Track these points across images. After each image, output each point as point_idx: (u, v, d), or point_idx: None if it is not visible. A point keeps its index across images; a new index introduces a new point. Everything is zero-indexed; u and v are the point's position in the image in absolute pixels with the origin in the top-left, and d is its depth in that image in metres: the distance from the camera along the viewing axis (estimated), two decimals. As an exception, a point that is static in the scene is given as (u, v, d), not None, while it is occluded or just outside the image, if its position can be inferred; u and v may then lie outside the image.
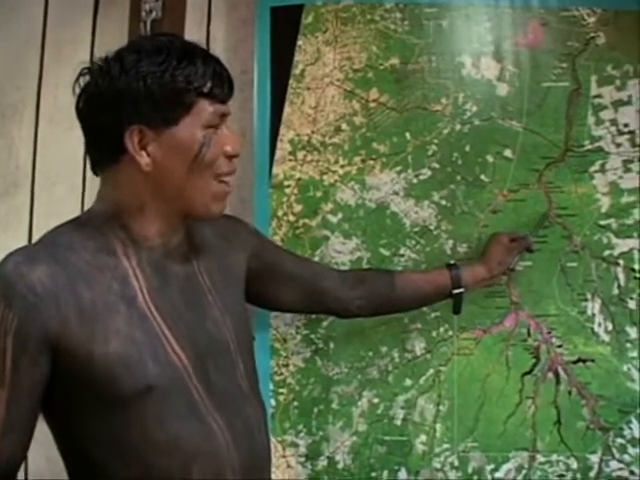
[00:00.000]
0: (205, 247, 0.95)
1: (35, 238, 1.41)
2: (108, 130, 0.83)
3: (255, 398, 0.94)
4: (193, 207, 0.86)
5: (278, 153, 1.28)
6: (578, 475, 1.23)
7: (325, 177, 1.27)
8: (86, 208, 0.91)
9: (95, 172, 0.89)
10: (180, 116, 0.82)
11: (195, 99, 0.82)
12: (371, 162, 1.27)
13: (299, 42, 1.30)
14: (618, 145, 1.26)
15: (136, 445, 0.80)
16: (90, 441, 0.81)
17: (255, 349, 1.25)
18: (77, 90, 0.85)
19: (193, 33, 1.37)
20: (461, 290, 1.17)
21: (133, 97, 0.81)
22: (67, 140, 1.39)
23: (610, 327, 1.25)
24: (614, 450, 1.23)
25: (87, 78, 0.85)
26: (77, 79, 0.85)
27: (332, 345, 1.28)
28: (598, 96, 1.26)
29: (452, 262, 1.21)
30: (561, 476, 1.24)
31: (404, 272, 1.23)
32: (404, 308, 1.21)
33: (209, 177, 0.85)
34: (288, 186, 1.27)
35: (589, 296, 1.25)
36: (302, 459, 1.29)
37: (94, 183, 0.92)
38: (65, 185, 1.44)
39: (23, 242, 1.43)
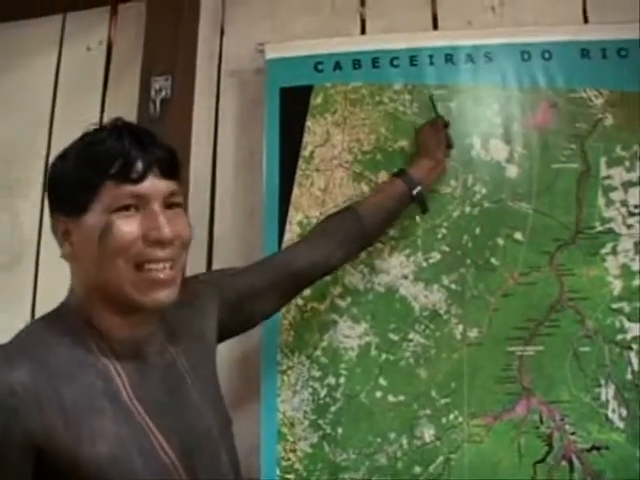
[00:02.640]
0: (178, 326, 0.93)
1: (38, 315, 1.43)
2: (51, 220, 0.85)
3: None
4: (120, 298, 0.81)
5: (287, 235, 1.30)
6: None
7: (333, 260, 1.28)
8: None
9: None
10: (89, 202, 0.80)
11: (101, 182, 0.79)
12: (380, 245, 1.28)
13: (308, 123, 1.32)
14: (629, 226, 1.28)
15: None
16: None
17: (262, 433, 1.27)
18: None
19: (202, 112, 1.40)
20: (419, 189, 1.20)
21: (55, 187, 0.83)
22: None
23: (625, 413, 1.24)
24: (628, 540, 1.22)
25: None
26: None
27: (340, 430, 1.27)
28: (608, 177, 1.28)
29: (395, 170, 1.24)
30: None
31: (361, 201, 1.23)
32: (379, 232, 1.23)
33: (126, 265, 0.79)
34: (296, 269, 1.28)
35: (603, 381, 1.25)
36: None
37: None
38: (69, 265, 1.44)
39: (26, 317, 1.43)
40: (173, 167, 0.84)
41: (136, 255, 0.80)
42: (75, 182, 0.80)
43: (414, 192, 1.20)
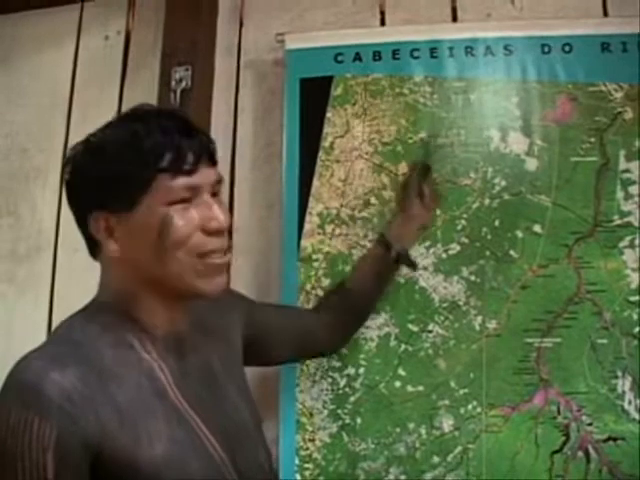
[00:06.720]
0: (211, 330, 0.96)
1: (56, 305, 1.46)
2: (79, 218, 0.83)
3: None
4: (179, 287, 0.82)
5: (307, 226, 1.33)
6: None
7: (354, 251, 1.33)
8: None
9: (93, 256, 0.87)
10: (139, 197, 0.79)
11: (153, 176, 0.79)
12: (400, 237, 1.31)
13: (328, 114, 1.35)
14: (647, 220, 1.30)
15: None
16: None
17: (280, 423, 1.30)
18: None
19: (221, 103, 1.43)
20: (398, 248, 1.23)
21: (93, 183, 0.80)
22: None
23: (641, 405, 1.28)
24: (644, 531, 1.25)
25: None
26: (64, 166, 0.85)
27: (359, 420, 1.31)
28: (626, 171, 1.31)
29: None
30: None
31: (350, 275, 1.28)
32: (372, 303, 1.27)
33: (187, 256, 0.81)
34: (316, 260, 1.32)
35: (619, 373, 1.28)
36: (327, 535, 1.31)
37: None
38: (87, 254, 1.46)
39: (44, 308, 1.46)
40: (215, 153, 0.86)
41: (197, 246, 0.81)
42: (122, 178, 0.79)
43: (393, 253, 1.23)
